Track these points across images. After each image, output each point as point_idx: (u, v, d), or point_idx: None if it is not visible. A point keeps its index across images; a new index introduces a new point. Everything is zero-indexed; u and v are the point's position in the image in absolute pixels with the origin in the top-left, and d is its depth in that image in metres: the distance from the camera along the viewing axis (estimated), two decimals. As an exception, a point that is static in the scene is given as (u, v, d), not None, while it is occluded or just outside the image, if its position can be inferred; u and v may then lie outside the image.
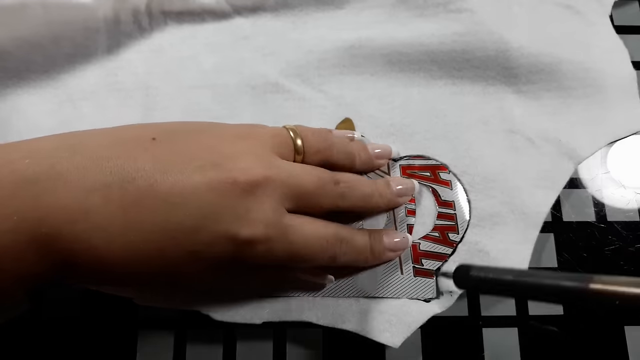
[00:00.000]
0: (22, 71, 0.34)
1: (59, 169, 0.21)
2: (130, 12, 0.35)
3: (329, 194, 0.26)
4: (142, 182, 0.21)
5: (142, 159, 0.22)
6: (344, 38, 0.35)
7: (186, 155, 0.23)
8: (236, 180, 0.23)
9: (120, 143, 0.23)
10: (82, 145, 0.22)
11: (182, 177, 0.22)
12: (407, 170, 0.32)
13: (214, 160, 0.23)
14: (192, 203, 0.22)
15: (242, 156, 0.24)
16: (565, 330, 0.31)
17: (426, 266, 0.30)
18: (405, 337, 0.29)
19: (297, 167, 0.26)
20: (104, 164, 0.21)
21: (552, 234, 0.32)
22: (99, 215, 0.21)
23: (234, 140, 0.25)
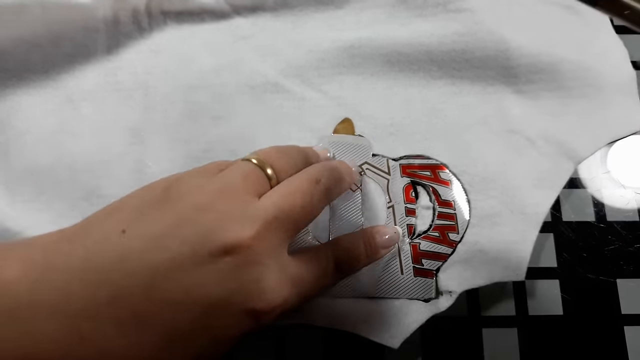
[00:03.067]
0: (21, 71, 0.34)
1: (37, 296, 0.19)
2: (130, 12, 0.35)
3: (316, 199, 0.24)
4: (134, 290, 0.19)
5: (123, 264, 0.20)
6: (344, 38, 0.35)
7: (167, 241, 0.20)
8: (231, 254, 0.20)
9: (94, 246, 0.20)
10: (53, 261, 0.20)
11: (174, 272, 0.20)
12: (407, 169, 0.32)
13: (198, 238, 0.20)
14: (196, 298, 0.20)
15: (226, 223, 0.21)
16: (564, 331, 0.31)
17: (426, 266, 0.30)
18: (404, 338, 0.29)
19: (278, 199, 0.23)
20: (85, 276, 0.19)
21: (552, 234, 0.32)
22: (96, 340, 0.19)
23: (209, 203, 0.21)
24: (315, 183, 0.24)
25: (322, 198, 0.24)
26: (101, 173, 0.32)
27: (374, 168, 0.32)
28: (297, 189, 0.23)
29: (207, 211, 0.21)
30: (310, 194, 0.23)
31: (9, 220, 0.30)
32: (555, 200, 0.32)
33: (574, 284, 0.32)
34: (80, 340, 0.19)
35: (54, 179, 0.32)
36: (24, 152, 0.32)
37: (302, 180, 0.24)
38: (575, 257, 0.32)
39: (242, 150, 0.32)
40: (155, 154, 0.33)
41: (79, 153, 0.32)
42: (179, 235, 0.20)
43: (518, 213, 0.31)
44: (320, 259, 0.25)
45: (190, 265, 0.20)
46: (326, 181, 0.24)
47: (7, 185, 0.32)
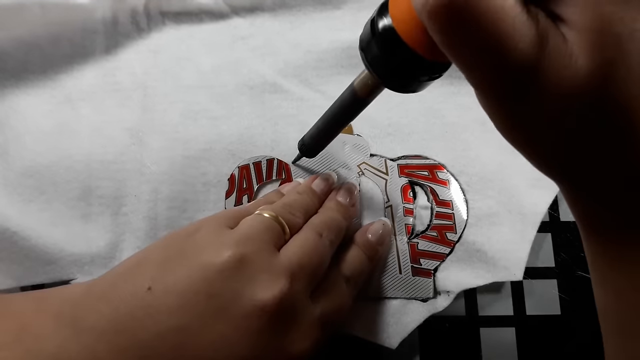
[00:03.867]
0: (20, 72, 0.34)
1: (67, 352, 0.19)
2: (129, 12, 0.35)
3: (324, 249, 0.25)
4: (164, 351, 0.19)
5: (152, 324, 0.19)
6: (342, 38, 0.35)
7: (196, 297, 0.20)
8: (263, 311, 0.20)
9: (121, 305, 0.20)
10: (82, 318, 0.20)
11: (203, 330, 0.19)
12: (405, 169, 0.32)
13: (228, 294, 0.20)
14: (227, 356, 0.20)
15: (255, 279, 0.21)
16: (562, 330, 0.31)
17: (424, 266, 0.30)
18: (402, 338, 0.29)
19: (296, 251, 0.24)
20: (113, 339, 0.19)
21: (550, 234, 0.32)
22: None
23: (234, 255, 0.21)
24: (320, 237, 0.25)
25: (328, 250, 0.26)
26: (100, 173, 0.32)
27: (372, 168, 0.32)
28: (308, 243, 0.24)
29: (233, 264, 0.21)
30: (320, 248, 0.25)
31: (8, 220, 0.30)
32: (553, 200, 0.32)
33: (572, 283, 0.32)
34: None
35: (53, 179, 0.32)
36: (23, 152, 0.33)
37: (310, 234, 0.25)
38: (573, 257, 0.32)
39: (241, 150, 0.32)
40: (154, 154, 0.33)
41: (78, 153, 0.33)
42: (207, 290, 0.20)
43: (516, 213, 0.31)
44: (334, 286, 0.25)
45: (221, 322, 0.20)
46: (328, 234, 0.26)
47: (7, 185, 0.32)
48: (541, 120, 0.15)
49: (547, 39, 0.14)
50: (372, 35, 0.19)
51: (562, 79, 0.14)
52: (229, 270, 0.21)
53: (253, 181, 0.32)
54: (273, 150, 0.33)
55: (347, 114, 0.26)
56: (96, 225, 0.31)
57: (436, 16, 0.15)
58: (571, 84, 0.14)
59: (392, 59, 0.18)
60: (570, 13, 0.14)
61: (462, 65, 0.16)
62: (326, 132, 0.28)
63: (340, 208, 0.29)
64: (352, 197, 0.30)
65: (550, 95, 0.14)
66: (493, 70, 0.15)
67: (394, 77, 0.19)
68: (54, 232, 0.31)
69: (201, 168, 0.32)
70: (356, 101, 0.24)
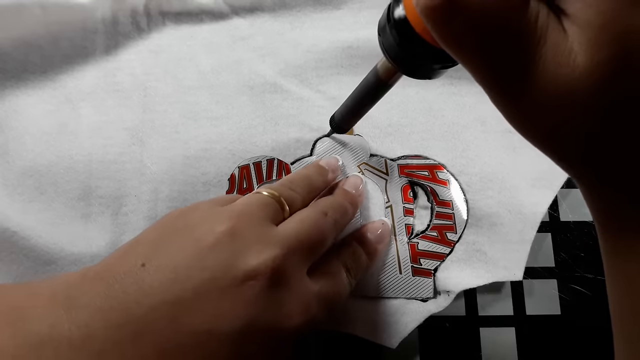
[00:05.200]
0: (20, 72, 0.34)
1: (59, 332, 0.18)
2: (129, 12, 0.35)
3: (327, 229, 0.25)
4: (158, 324, 0.19)
5: (145, 298, 0.19)
6: (342, 38, 0.35)
7: (188, 271, 0.20)
8: (255, 279, 0.20)
9: (115, 283, 0.20)
10: (75, 297, 0.20)
11: (198, 302, 0.19)
12: (405, 169, 0.32)
13: (220, 265, 0.20)
14: (223, 325, 0.19)
15: (247, 248, 0.21)
16: (562, 330, 0.31)
17: (424, 266, 0.30)
18: (402, 337, 0.29)
19: (295, 226, 0.24)
20: (107, 316, 0.19)
21: (550, 234, 0.33)
22: None
23: (227, 229, 0.21)
24: (324, 215, 0.25)
25: (331, 229, 0.25)
26: (100, 174, 0.32)
27: (372, 168, 0.32)
28: (309, 219, 0.24)
29: (226, 237, 0.21)
30: (322, 225, 0.25)
31: (8, 220, 0.30)
32: (553, 200, 0.32)
33: (572, 283, 0.32)
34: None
35: (53, 179, 0.32)
36: (23, 152, 0.33)
37: (312, 212, 0.25)
38: (573, 257, 0.32)
39: (242, 150, 0.33)
40: (155, 155, 0.33)
41: (78, 154, 0.33)
42: (199, 264, 0.20)
43: (516, 213, 0.31)
44: (334, 270, 0.26)
45: (214, 293, 0.20)
46: (333, 214, 0.26)
47: (7, 185, 0.32)
48: (545, 116, 0.15)
49: (546, 36, 0.14)
50: (388, 22, 0.19)
51: (558, 77, 0.14)
52: (221, 243, 0.21)
53: (253, 181, 0.32)
54: (273, 150, 0.33)
55: (372, 96, 0.26)
56: (96, 225, 0.31)
57: (428, 14, 0.15)
58: (567, 81, 0.14)
59: (405, 47, 0.19)
60: (574, 8, 0.14)
61: (459, 59, 0.16)
62: (353, 111, 0.28)
63: (347, 195, 0.29)
64: (358, 188, 0.30)
65: (547, 93, 0.14)
66: (489, 67, 0.15)
67: (408, 64, 0.20)
68: (54, 232, 0.31)
69: (201, 168, 0.32)
70: (379, 84, 0.24)
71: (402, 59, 0.20)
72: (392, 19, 0.19)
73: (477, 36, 0.14)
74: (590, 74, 0.14)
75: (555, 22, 0.14)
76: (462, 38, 0.15)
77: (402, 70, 0.21)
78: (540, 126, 0.16)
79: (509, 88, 0.15)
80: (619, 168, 0.16)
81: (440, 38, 0.16)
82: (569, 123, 0.15)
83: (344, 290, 0.26)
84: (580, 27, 0.14)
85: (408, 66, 0.20)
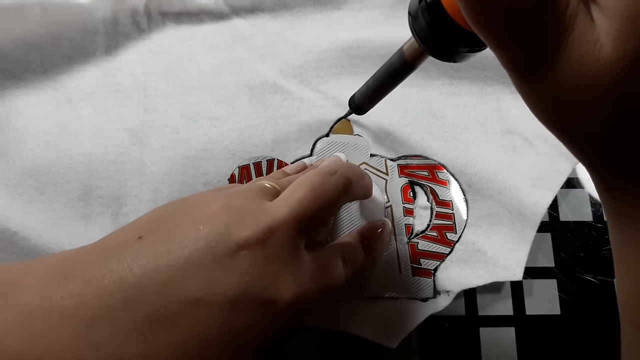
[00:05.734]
0: (20, 72, 0.34)
1: (50, 301, 0.18)
2: (129, 13, 0.35)
3: (330, 189, 0.24)
4: (150, 291, 0.19)
5: (139, 267, 0.19)
6: (342, 39, 0.35)
7: (183, 241, 0.20)
8: (248, 248, 0.20)
9: (111, 254, 0.20)
10: (70, 267, 0.20)
11: (190, 270, 0.19)
12: (405, 169, 0.32)
13: (214, 235, 0.20)
14: (215, 294, 0.19)
15: (241, 219, 0.21)
16: (562, 330, 0.31)
17: (424, 266, 0.30)
18: (402, 337, 0.29)
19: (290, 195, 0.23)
20: (100, 283, 0.19)
21: (549, 234, 0.33)
22: (111, 348, 0.18)
23: (224, 204, 0.22)
24: (329, 175, 0.24)
25: (338, 187, 0.24)
26: (100, 174, 0.32)
27: (372, 168, 0.32)
28: (306, 182, 0.23)
29: (221, 210, 0.21)
30: (322, 186, 0.23)
31: (8, 220, 0.30)
32: (553, 200, 0.32)
33: (571, 283, 0.32)
34: (93, 348, 0.18)
35: (53, 179, 0.32)
36: (24, 152, 0.33)
37: (311, 175, 0.24)
38: (573, 257, 0.32)
39: (242, 150, 0.33)
40: (155, 155, 0.33)
41: (79, 154, 0.33)
42: (194, 235, 0.20)
43: (516, 213, 0.31)
44: (331, 257, 0.25)
45: (207, 262, 0.20)
46: (344, 172, 0.24)
47: (7, 185, 0.32)
48: (566, 106, 0.15)
49: (574, 25, 0.14)
50: (419, 2, 0.20)
51: (582, 66, 0.14)
52: (216, 216, 0.21)
53: (253, 181, 0.32)
54: (273, 151, 0.33)
55: (394, 77, 0.26)
56: (96, 225, 0.31)
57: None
58: (591, 71, 0.14)
59: (436, 29, 0.19)
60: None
61: (489, 42, 0.16)
62: (374, 92, 0.28)
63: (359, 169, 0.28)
64: None
65: (569, 82, 0.15)
66: (516, 52, 0.15)
67: (437, 45, 0.20)
68: (54, 232, 0.31)
69: (201, 168, 0.32)
70: (404, 65, 0.25)
71: (432, 41, 0.20)
72: (424, 1, 0.19)
73: (509, 20, 0.15)
74: (615, 66, 0.14)
75: (584, 12, 0.14)
76: (494, 22, 0.15)
77: (429, 52, 0.21)
78: (561, 115, 0.16)
79: (534, 75, 0.15)
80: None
81: (473, 21, 0.16)
82: (590, 114, 0.15)
83: (339, 278, 0.24)
84: (609, 17, 0.14)
85: (436, 48, 0.21)
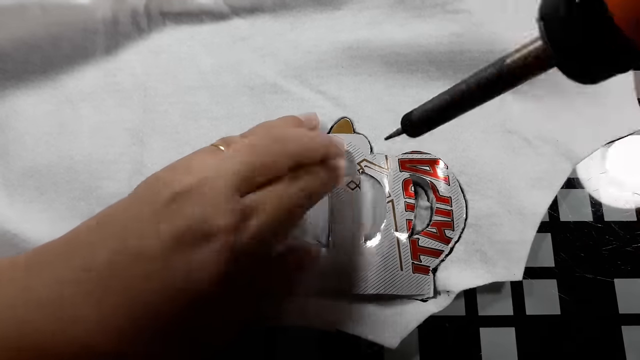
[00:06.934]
0: (20, 72, 0.34)
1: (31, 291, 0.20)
2: (129, 13, 0.35)
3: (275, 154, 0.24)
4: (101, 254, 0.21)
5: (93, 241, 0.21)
6: (342, 39, 0.35)
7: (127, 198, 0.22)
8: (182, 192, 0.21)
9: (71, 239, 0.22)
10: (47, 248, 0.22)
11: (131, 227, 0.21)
12: (406, 164, 0.32)
13: (154, 186, 0.22)
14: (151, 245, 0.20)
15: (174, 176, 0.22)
16: (562, 330, 0.31)
17: (424, 263, 0.30)
18: (402, 338, 0.29)
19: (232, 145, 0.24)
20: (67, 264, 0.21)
21: (550, 234, 0.33)
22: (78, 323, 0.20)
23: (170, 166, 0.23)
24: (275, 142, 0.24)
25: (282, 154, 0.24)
26: (100, 174, 0.32)
27: (372, 164, 0.32)
28: (254, 142, 0.24)
29: (165, 172, 0.23)
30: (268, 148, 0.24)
31: (9, 221, 0.30)
32: (553, 200, 0.32)
33: (572, 283, 0.32)
34: (63, 327, 0.20)
35: (53, 179, 0.32)
36: (24, 153, 0.33)
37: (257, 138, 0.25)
38: (573, 257, 0.32)
39: (241, 150, 0.33)
40: (155, 155, 0.33)
41: (78, 154, 0.33)
42: (137, 198, 0.22)
43: (516, 213, 0.31)
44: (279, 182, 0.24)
45: (146, 216, 0.21)
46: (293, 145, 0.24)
47: (7, 186, 0.32)
48: None
49: None
50: (567, 5, 0.15)
51: None
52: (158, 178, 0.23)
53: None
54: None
55: (481, 95, 0.21)
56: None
57: None
58: None
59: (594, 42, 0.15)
60: None
61: None
62: (445, 110, 0.23)
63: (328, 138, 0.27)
64: None
65: None
66: None
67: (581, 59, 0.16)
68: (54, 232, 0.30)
69: (201, 168, 0.32)
70: (503, 80, 0.20)
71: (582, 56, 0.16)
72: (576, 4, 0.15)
73: None
74: None
75: None
76: None
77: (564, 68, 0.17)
78: None
79: None
80: None
81: None
82: None
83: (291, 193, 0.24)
84: None
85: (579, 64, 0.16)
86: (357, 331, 0.29)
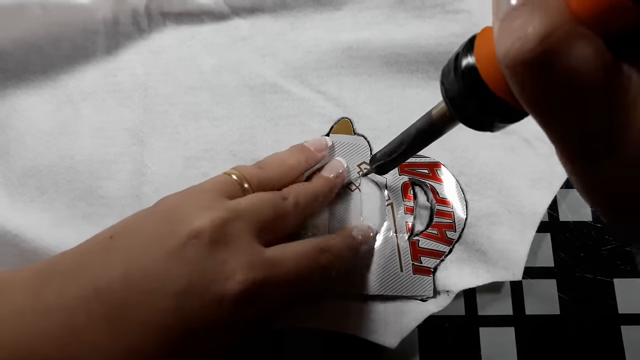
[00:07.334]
0: (21, 72, 0.34)
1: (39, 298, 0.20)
2: (129, 13, 0.35)
3: (285, 208, 0.26)
4: (115, 283, 0.21)
5: (107, 261, 0.21)
6: (342, 39, 0.35)
7: (143, 236, 0.22)
8: (197, 237, 0.21)
9: (86, 252, 0.22)
10: (55, 264, 0.22)
11: (147, 262, 0.21)
12: (405, 167, 0.32)
13: (168, 228, 0.22)
14: (169, 284, 0.21)
15: (193, 211, 0.22)
16: (562, 330, 0.31)
17: (425, 264, 0.30)
18: (402, 338, 0.29)
19: (245, 199, 0.25)
20: (78, 277, 0.21)
21: (549, 234, 0.33)
22: (87, 333, 0.20)
23: (180, 200, 0.24)
24: (282, 199, 0.26)
25: (289, 207, 0.26)
26: (101, 174, 0.32)
27: (372, 168, 0.32)
28: (265, 196, 0.25)
29: (178, 206, 0.23)
30: (277, 205, 0.25)
31: (9, 221, 0.31)
32: (552, 200, 0.32)
33: (571, 283, 0.32)
34: (74, 335, 0.20)
35: (53, 179, 0.32)
36: (24, 152, 0.33)
37: (271, 194, 0.26)
38: (572, 257, 0.32)
39: (242, 151, 0.33)
40: (155, 155, 0.33)
41: (79, 154, 0.33)
42: (152, 229, 0.22)
43: (515, 213, 0.31)
44: (302, 244, 0.25)
45: (161, 254, 0.21)
46: (294, 198, 0.26)
47: (8, 186, 0.32)
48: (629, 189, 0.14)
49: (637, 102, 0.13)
50: (455, 70, 0.18)
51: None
52: (172, 212, 0.23)
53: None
54: (274, 151, 0.33)
55: (421, 140, 0.25)
56: (97, 225, 0.31)
57: (515, 70, 0.14)
58: None
59: (471, 99, 0.18)
60: None
61: (539, 119, 0.15)
62: (398, 154, 0.27)
63: (320, 179, 0.30)
64: (338, 171, 0.31)
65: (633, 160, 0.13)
66: (571, 129, 0.14)
67: (471, 115, 0.19)
68: (55, 232, 0.31)
69: (202, 168, 0.32)
70: (431, 129, 0.23)
71: (466, 111, 0.19)
72: (460, 69, 0.18)
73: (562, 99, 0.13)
74: None
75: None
76: (546, 97, 0.14)
77: (463, 121, 0.20)
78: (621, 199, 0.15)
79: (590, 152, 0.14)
80: None
81: (524, 96, 0.14)
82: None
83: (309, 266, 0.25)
84: None
85: (471, 118, 0.19)
86: (357, 331, 0.29)
